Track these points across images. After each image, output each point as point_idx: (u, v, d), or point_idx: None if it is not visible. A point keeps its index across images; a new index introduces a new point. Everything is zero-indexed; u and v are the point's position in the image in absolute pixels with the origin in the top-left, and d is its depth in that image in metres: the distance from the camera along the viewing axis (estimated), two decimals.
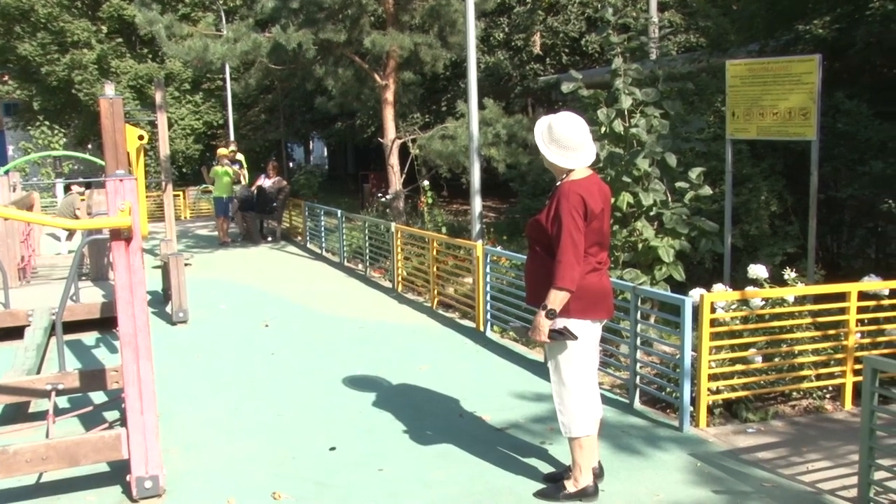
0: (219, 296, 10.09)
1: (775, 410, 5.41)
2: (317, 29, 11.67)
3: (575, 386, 3.98)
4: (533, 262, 4.08)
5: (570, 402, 3.99)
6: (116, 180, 4.10)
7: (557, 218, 3.83)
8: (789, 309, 5.46)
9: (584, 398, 4.00)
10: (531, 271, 4.09)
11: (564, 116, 3.95)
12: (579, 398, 3.99)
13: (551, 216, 3.88)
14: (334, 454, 4.86)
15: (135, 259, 4.15)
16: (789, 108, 7.24)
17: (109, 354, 7.44)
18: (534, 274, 4.04)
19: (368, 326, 8.24)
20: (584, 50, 18.53)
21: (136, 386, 4.19)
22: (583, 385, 4.00)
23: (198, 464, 4.76)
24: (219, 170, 15.32)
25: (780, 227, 8.54)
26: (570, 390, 3.98)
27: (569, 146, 3.89)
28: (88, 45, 23.50)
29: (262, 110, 27.36)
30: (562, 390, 4.01)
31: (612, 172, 6.96)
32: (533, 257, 4.07)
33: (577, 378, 3.99)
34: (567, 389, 3.99)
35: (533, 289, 4.06)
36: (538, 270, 3.98)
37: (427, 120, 18.35)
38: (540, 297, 3.88)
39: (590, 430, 4.03)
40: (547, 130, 3.95)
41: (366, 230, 11.46)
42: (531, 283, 4.09)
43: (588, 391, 4.03)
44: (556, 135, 3.90)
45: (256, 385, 6.31)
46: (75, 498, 4.36)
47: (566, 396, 4.00)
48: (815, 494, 4.15)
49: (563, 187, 3.90)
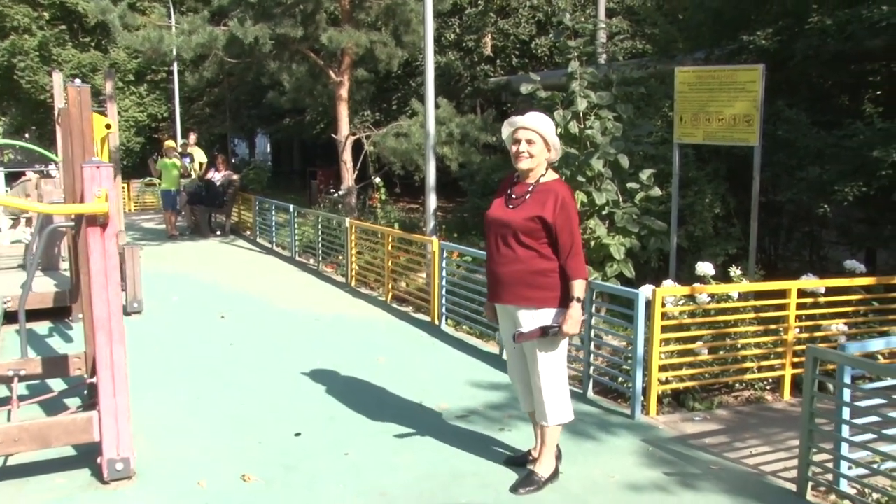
0: (170, 288, 10.06)
1: (720, 400, 5.71)
2: (274, 23, 11.72)
3: (565, 375, 4.23)
4: (518, 261, 4.05)
5: (563, 390, 4.19)
6: (93, 167, 4.16)
7: (565, 214, 3.99)
8: (734, 304, 5.77)
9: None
10: (518, 271, 4.06)
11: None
12: (567, 386, 4.24)
13: (556, 212, 3.98)
14: (300, 440, 4.99)
15: (110, 245, 4.22)
16: (734, 114, 7.58)
17: (64, 343, 7.40)
18: (520, 273, 4.05)
19: (324, 319, 8.35)
20: (533, 53, 18.87)
21: (108, 369, 4.25)
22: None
23: (165, 449, 4.83)
24: (167, 162, 15.19)
25: (723, 229, 8.91)
26: (563, 379, 4.20)
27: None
28: (29, 31, 23.00)
29: (207, 104, 27.11)
30: (556, 380, 4.15)
31: (567, 172, 7.21)
32: (518, 256, 4.05)
33: (565, 367, 4.24)
34: (561, 379, 4.18)
35: (514, 288, 4.08)
36: (524, 269, 4.04)
37: (378, 118, 18.46)
38: (524, 296, 4.03)
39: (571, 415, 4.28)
40: (551, 122, 4.17)
41: (319, 225, 11.54)
42: (515, 281, 4.07)
43: None
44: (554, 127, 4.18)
45: (217, 375, 6.38)
46: (44, 480, 4.40)
47: (560, 386, 4.17)
48: (758, 476, 4.44)
49: (559, 185, 4.11)
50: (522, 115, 4.17)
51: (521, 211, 4.06)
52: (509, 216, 4.08)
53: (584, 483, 4.33)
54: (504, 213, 4.12)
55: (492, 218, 4.19)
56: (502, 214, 4.12)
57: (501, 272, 4.11)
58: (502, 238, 4.10)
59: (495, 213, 4.18)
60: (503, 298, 4.16)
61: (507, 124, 4.19)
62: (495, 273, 4.16)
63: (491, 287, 4.26)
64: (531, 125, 4.08)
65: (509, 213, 4.09)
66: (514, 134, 4.14)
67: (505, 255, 4.10)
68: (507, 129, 4.19)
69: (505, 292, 4.13)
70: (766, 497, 4.15)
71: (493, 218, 4.18)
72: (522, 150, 4.07)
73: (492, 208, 4.23)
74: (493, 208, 4.22)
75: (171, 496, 4.21)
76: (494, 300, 4.27)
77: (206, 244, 14.57)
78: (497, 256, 4.14)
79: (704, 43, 10.55)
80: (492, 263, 4.20)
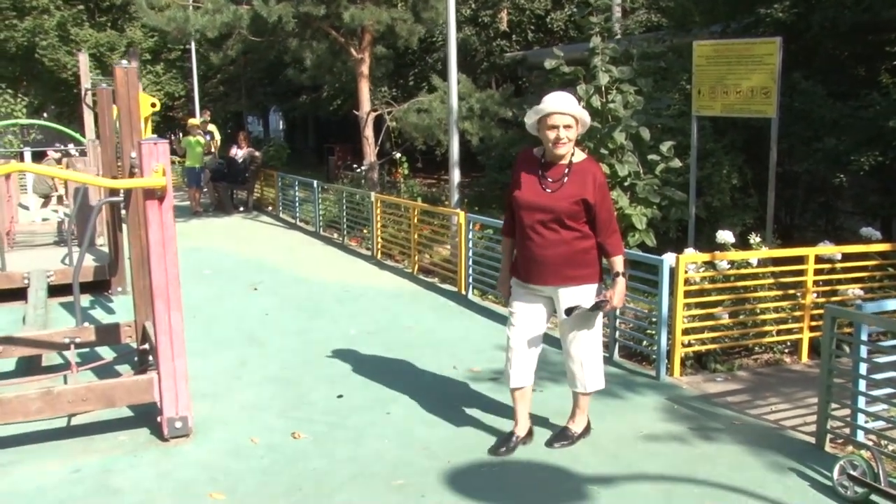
0: (201, 262, 10.35)
1: (740, 363, 5.96)
2: (296, 2, 11.91)
3: (601, 345, 4.44)
4: (563, 243, 4.09)
5: (601, 359, 4.40)
6: (151, 143, 4.41)
7: (603, 193, 4.09)
8: (753, 270, 6.01)
9: None
10: (562, 253, 4.09)
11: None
12: (602, 356, 4.45)
13: (596, 192, 4.05)
14: (342, 401, 5.28)
15: (167, 216, 4.48)
16: (751, 86, 7.76)
17: (105, 315, 7.71)
18: (565, 254, 4.09)
19: (353, 290, 8.63)
20: (549, 27, 18.97)
21: (167, 334, 4.54)
22: None
23: (217, 410, 5.14)
24: (191, 140, 15.46)
25: (741, 200, 9.12)
26: (601, 349, 4.41)
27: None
28: (47, 11, 23.24)
29: (221, 82, 27.31)
30: (597, 350, 4.35)
31: (590, 145, 7.44)
32: (563, 238, 4.08)
33: (601, 338, 4.45)
34: (600, 349, 4.38)
35: (559, 269, 4.11)
36: (569, 250, 4.09)
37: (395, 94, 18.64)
38: (569, 276, 4.11)
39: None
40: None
41: (343, 200, 11.80)
42: (560, 263, 4.10)
43: None
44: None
45: (256, 343, 6.68)
46: (108, 437, 4.71)
47: (599, 355, 4.37)
48: (778, 430, 4.70)
49: (592, 164, 4.18)
50: (545, 95, 4.12)
51: (563, 195, 4.05)
52: (552, 201, 4.06)
53: (613, 437, 4.60)
54: (543, 197, 4.08)
55: (528, 202, 4.12)
56: (542, 199, 4.08)
57: (545, 255, 4.10)
58: (542, 222, 4.08)
59: (532, 197, 4.11)
60: (546, 280, 4.16)
61: (535, 112, 4.10)
62: (536, 256, 4.13)
63: (530, 269, 4.20)
64: (568, 110, 4.01)
65: (550, 198, 4.06)
66: (548, 120, 4.03)
67: (548, 238, 4.09)
68: (537, 115, 4.08)
69: (549, 274, 4.13)
70: (785, 448, 4.41)
71: (529, 202, 4.12)
72: (562, 137, 4.01)
73: (524, 191, 4.15)
74: (527, 192, 4.14)
75: (227, 451, 4.50)
76: (533, 282, 4.21)
77: (231, 220, 14.87)
78: (539, 239, 4.11)
79: (720, 16, 10.68)
80: (532, 246, 4.14)
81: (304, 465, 4.30)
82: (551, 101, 4.04)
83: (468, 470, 4.20)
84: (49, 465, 4.35)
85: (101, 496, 3.99)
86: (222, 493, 4.00)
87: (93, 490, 4.05)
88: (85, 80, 13.17)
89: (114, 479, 4.16)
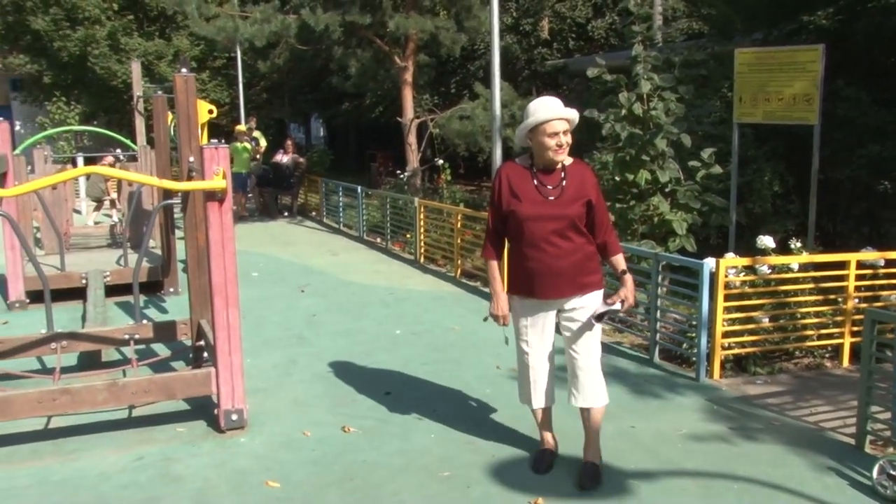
0: (248, 265, 10.61)
1: (780, 366, 6.03)
2: (343, 11, 12.19)
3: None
4: (577, 250, 3.97)
5: (601, 372, 4.17)
6: (212, 148, 4.64)
7: (598, 190, 4.02)
8: (794, 275, 6.07)
9: None
10: (577, 261, 3.97)
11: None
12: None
13: (595, 192, 3.98)
14: (389, 398, 5.45)
15: (226, 217, 4.70)
16: (793, 94, 7.82)
17: (159, 314, 7.98)
18: (579, 262, 3.97)
19: (397, 293, 8.82)
20: (590, 35, 19.07)
21: (225, 330, 4.76)
22: None
23: (269, 405, 5.34)
24: (237, 146, 15.80)
25: (782, 206, 9.15)
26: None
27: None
28: (99, 21, 23.86)
29: (264, 89, 27.76)
30: (599, 361, 4.13)
31: (631, 151, 7.55)
32: (577, 245, 3.97)
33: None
34: (600, 360, 4.16)
35: (574, 278, 3.98)
36: (582, 257, 3.98)
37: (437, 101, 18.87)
38: (582, 284, 3.97)
39: None
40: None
41: (387, 205, 12.02)
42: (574, 271, 3.97)
43: None
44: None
45: (305, 342, 6.89)
46: (167, 429, 4.94)
47: (600, 368, 4.15)
48: (818, 431, 4.78)
49: (581, 163, 4.08)
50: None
51: (568, 200, 3.93)
52: (559, 208, 3.92)
53: (653, 435, 4.72)
54: (548, 206, 3.93)
55: (534, 214, 3.94)
56: (548, 208, 3.92)
57: (561, 265, 3.93)
58: (555, 232, 3.92)
59: (536, 208, 3.94)
60: (563, 291, 3.99)
61: (532, 121, 3.90)
62: (552, 268, 3.94)
63: (542, 283, 3.99)
64: (565, 114, 3.89)
65: (556, 205, 3.92)
66: (546, 127, 3.86)
67: (562, 248, 3.94)
68: (534, 123, 3.89)
69: (564, 285, 3.98)
70: (825, 449, 4.49)
71: (536, 214, 3.94)
72: (563, 143, 3.90)
73: (525, 204, 3.96)
74: (529, 204, 3.95)
75: (281, 443, 4.70)
76: (547, 296, 4.01)
77: (276, 225, 15.18)
78: (553, 250, 3.93)
79: (762, 24, 10.71)
80: (545, 258, 3.94)
81: (355, 457, 4.48)
82: (545, 106, 3.89)
83: (512, 464, 4.34)
84: (113, 453, 4.58)
85: (163, 483, 4.20)
86: (277, 481, 4.19)
87: (155, 477, 4.27)
88: (137, 87, 13.58)
89: (174, 467, 4.38)
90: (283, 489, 4.12)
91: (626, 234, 7.52)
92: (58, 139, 22.32)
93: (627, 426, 4.85)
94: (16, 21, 23.84)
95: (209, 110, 6.15)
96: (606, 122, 7.66)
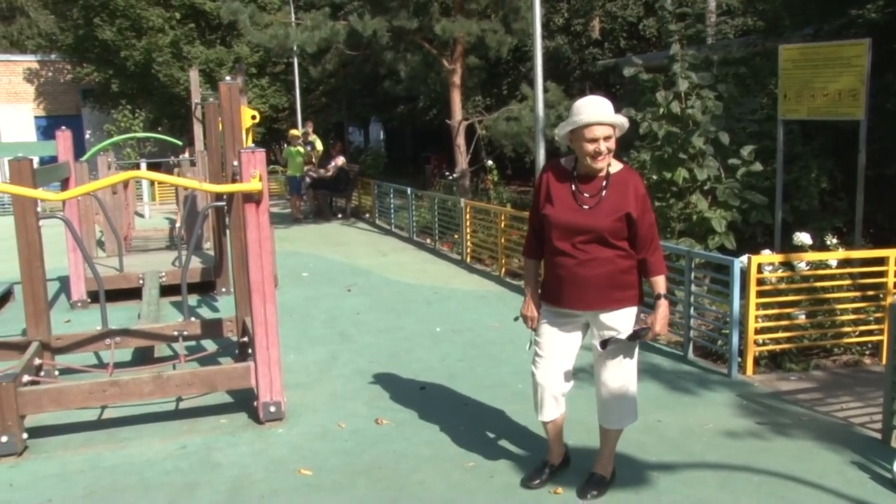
0: (299, 265, 10.93)
1: (816, 363, 6.01)
2: (390, 16, 12.43)
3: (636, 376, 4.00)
4: (608, 262, 3.70)
5: (635, 392, 3.97)
6: (250, 152, 4.86)
7: (645, 206, 3.72)
8: (831, 272, 6.04)
9: None
10: (606, 273, 3.70)
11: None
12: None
13: (638, 205, 3.68)
14: (424, 392, 5.62)
15: (263, 218, 4.92)
16: (839, 89, 7.74)
17: (211, 313, 8.29)
18: (608, 275, 3.71)
19: (442, 292, 8.99)
20: (641, 34, 18.98)
21: (263, 325, 4.98)
22: None
23: (308, 398, 5.56)
24: (292, 150, 16.20)
25: (830, 203, 9.04)
26: (635, 381, 3.97)
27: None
28: (162, 30, 24.66)
29: (323, 94, 28.27)
30: (632, 383, 3.93)
31: (669, 150, 7.58)
32: (607, 257, 3.70)
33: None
34: (635, 381, 3.96)
35: (602, 291, 3.72)
36: (613, 270, 3.71)
37: (488, 103, 19.00)
38: (612, 298, 3.72)
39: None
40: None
41: (435, 207, 12.21)
42: (603, 285, 3.71)
43: None
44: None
45: (348, 339, 7.10)
46: (210, 420, 5.19)
47: (634, 388, 3.95)
48: (845, 426, 4.78)
49: (631, 173, 3.79)
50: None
51: (603, 211, 3.67)
52: (591, 219, 3.67)
53: (679, 428, 4.78)
54: (581, 215, 3.69)
55: (565, 222, 3.72)
56: (579, 218, 3.69)
57: (587, 275, 3.70)
58: (583, 240, 3.69)
59: (568, 216, 3.72)
60: (589, 304, 3.75)
61: (570, 122, 3.65)
62: (577, 277, 3.72)
63: (568, 293, 3.77)
64: (608, 119, 3.61)
65: (589, 216, 3.68)
66: (586, 132, 3.60)
67: (591, 258, 3.69)
68: (573, 125, 3.63)
69: (590, 297, 3.73)
70: (851, 443, 4.50)
71: (566, 222, 3.72)
72: (602, 150, 3.63)
73: (558, 209, 3.74)
74: (562, 210, 3.74)
75: (316, 434, 4.91)
76: (572, 307, 3.80)
77: (329, 226, 15.51)
78: (578, 259, 3.70)
79: (811, 19, 10.58)
80: (571, 266, 3.73)
81: (385, 448, 4.66)
82: (589, 109, 3.63)
83: (536, 456, 4.45)
84: (159, 441, 4.85)
85: (203, 469, 4.44)
86: (310, 469, 4.39)
87: (196, 464, 4.51)
88: (195, 94, 14.04)
89: (214, 455, 4.62)
90: (314, 476, 4.31)
91: (665, 233, 7.55)
92: (123, 146, 23.12)
93: (654, 420, 4.93)
94: (85, 34, 24.79)
95: (252, 116, 6.40)
96: (644, 120, 7.70)
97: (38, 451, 4.76)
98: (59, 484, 4.32)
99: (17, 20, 38.29)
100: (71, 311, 8.49)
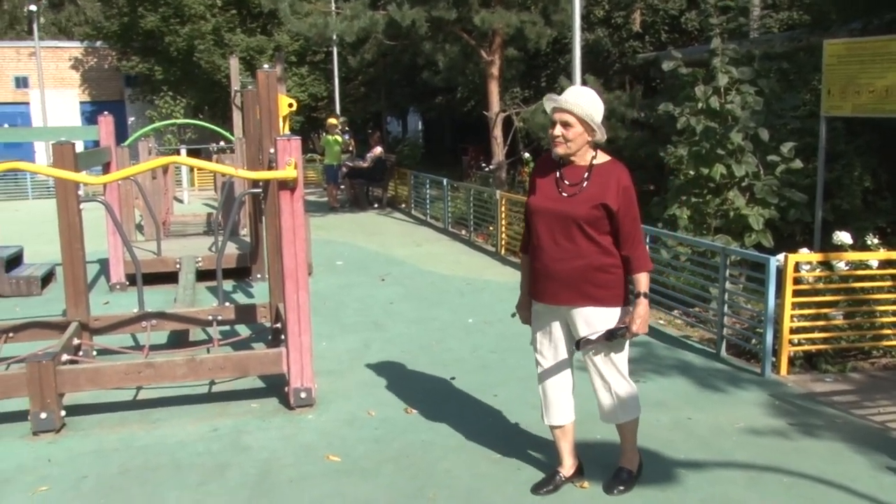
0: (334, 254, 11.00)
1: (854, 365, 5.91)
2: (429, 7, 12.43)
3: (627, 369, 3.89)
4: (580, 256, 3.62)
5: (631, 385, 3.87)
6: (285, 140, 4.90)
7: (628, 199, 3.61)
8: (871, 272, 5.94)
9: None
10: (579, 267, 3.61)
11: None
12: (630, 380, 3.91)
13: (619, 198, 3.58)
14: (454, 382, 5.64)
15: (297, 205, 4.96)
16: (886, 86, 7.59)
17: (245, 299, 8.39)
18: (581, 270, 3.62)
19: (475, 283, 8.99)
20: (683, 27, 18.73)
21: (295, 312, 5.02)
22: None
23: (339, 385, 5.60)
24: (329, 139, 16.28)
25: (873, 202, 8.87)
26: (627, 374, 3.87)
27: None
28: (204, 18, 24.91)
29: (362, 83, 28.36)
30: (625, 378, 3.83)
31: (706, 145, 7.48)
32: (581, 250, 3.61)
33: (627, 361, 3.89)
34: (627, 375, 3.85)
35: (575, 286, 3.64)
36: (587, 265, 3.62)
37: (526, 95, 18.92)
38: (587, 295, 3.63)
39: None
40: (597, 99, 3.63)
41: (471, 198, 12.20)
42: (576, 279, 3.63)
43: None
44: (600, 105, 3.66)
45: (380, 328, 7.14)
46: (241, 404, 5.26)
47: (628, 381, 3.85)
48: (881, 430, 4.70)
49: (617, 166, 3.68)
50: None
51: (581, 199, 3.60)
52: (568, 207, 3.61)
53: (709, 427, 4.74)
54: (559, 202, 3.64)
55: (542, 207, 3.68)
56: (558, 205, 3.64)
57: (559, 269, 3.64)
58: (560, 231, 3.63)
59: (546, 203, 3.67)
60: (560, 298, 3.69)
61: (546, 99, 3.70)
62: (550, 270, 3.67)
63: (542, 285, 3.74)
64: (565, 105, 3.55)
65: (567, 203, 3.61)
66: (551, 115, 3.64)
67: (564, 250, 3.63)
68: (546, 105, 3.70)
69: (563, 291, 3.66)
70: (887, 447, 4.42)
71: (544, 209, 3.67)
72: (557, 135, 3.59)
73: (538, 197, 3.72)
74: (542, 197, 3.70)
75: (346, 421, 4.95)
76: (546, 300, 3.76)
77: (365, 216, 15.58)
78: (553, 251, 3.65)
79: (859, 13, 10.37)
80: (545, 258, 3.68)
81: (414, 437, 4.68)
82: (562, 95, 3.64)
83: None
84: (191, 423, 4.92)
85: (234, 452, 4.50)
86: (338, 456, 4.43)
87: (227, 446, 4.58)
88: (235, 82, 14.15)
89: (245, 439, 4.68)
90: (342, 463, 4.35)
91: (701, 229, 7.47)
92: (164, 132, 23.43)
93: (685, 417, 4.89)
94: (130, 21, 25.15)
95: (289, 104, 6.44)
96: (682, 115, 7.61)
97: (76, 428, 4.87)
98: (95, 461, 4.41)
99: (66, 7, 38.96)
100: (109, 294, 8.64)
